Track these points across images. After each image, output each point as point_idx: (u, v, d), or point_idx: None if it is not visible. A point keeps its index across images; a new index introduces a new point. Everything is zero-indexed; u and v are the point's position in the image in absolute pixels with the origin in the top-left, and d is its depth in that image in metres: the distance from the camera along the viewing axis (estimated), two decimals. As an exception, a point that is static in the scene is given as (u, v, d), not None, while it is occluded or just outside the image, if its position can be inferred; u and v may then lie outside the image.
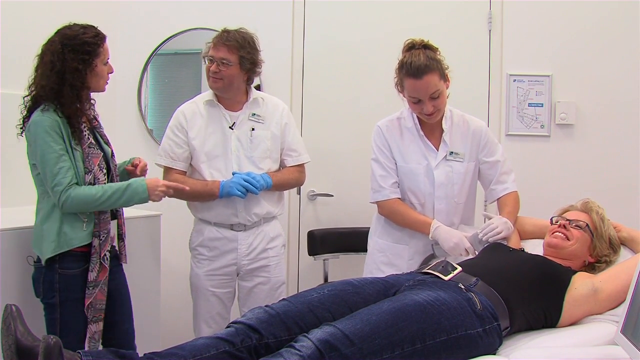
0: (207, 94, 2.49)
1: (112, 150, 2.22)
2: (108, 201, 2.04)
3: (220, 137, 2.44)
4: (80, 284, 2.06)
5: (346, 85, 3.24)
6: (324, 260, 3.09)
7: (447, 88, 2.27)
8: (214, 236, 2.46)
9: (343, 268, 3.10)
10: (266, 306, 1.68)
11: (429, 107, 2.21)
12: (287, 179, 2.54)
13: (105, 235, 2.10)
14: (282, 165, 2.56)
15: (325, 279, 3.08)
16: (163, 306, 2.83)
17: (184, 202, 2.52)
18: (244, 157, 2.44)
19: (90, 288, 2.06)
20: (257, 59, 2.44)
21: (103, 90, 2.16)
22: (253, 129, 2.46)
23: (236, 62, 2.36)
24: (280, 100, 2.61)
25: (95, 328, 2.10)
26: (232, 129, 2.44)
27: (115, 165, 2.25)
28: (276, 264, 2.54)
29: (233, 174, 2.39)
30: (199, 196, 2.43)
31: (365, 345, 1.48)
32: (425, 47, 2.24)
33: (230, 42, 2.35)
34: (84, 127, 2.08)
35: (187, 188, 2.27)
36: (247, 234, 2.46)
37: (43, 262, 2.04)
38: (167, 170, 2.47)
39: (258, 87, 3.17)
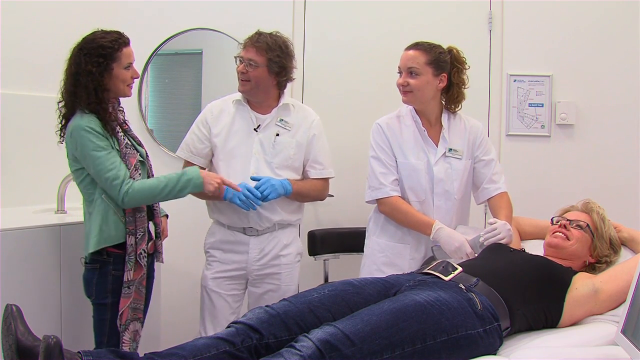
0: (238, 93, 2.46)
1: (145, 151, 2.27)
2: (165, 190, 2.10)
3: (244, 137, 2.40)
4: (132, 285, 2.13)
5: (346, 85, 3.24)
6: (324, 260, 3.08)
7: (438, 86, 2.33)
8: (226, 239, 2.43)
9: (343, 268, 3.09)
10: (266, 306, 1.68)
11: (402, 79, 2.29)
12: (309, 190, 2.47)
13: (142, 234, 2.12)
14: (304, 177, 2.50)
15: (326, 279, 3.08)
16: (163, 306, 2.83)
17: (185, 203, 2.50)
18: (264, 162, 2.39)
19: (127, 288, 2.10)
20: (288, 64, 2.38)
21: (128, 95, 2.20)
22: (278, 135, 2.41)
23: (263, 64, 2.32)
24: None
25: (133, 327, 2.13)
26: (257, 131, 2.40)
27: (151, 165, 2.29)
28: (288, 272, 2.47)
29: (252, 178, 2.32)
30: (208, 196, 2.39)
31: (366, 346, 1.48)
32: (450, 50, 2.37)
33: (259, 43, 2.32)
34: (118, 129, 2.13)
35: (239, 189, 2.24)
36: (260, 239, 2.41)
37: (87, 259, 2.10)
38: (186, 164, 2.45)
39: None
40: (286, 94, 2.47)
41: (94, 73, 2.05)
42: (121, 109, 2.24)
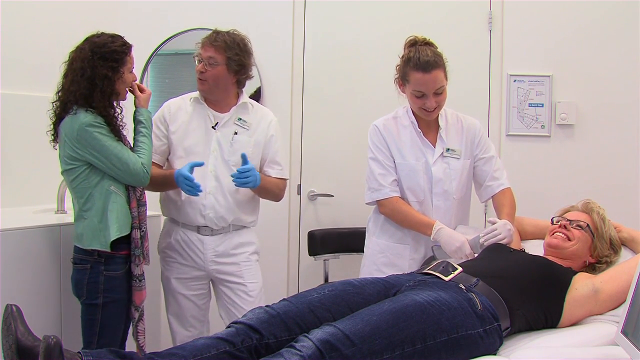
0: (196, 92, 2.46)
1: None
2: (149, 140, 2.24)
3: (202, 135, 2.41)
4: (124, 285, 2.16)
5: (346, 85, 3.24)
6: (324, 260, 3.09)
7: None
8: (181, 239, 2.43)
9: (343, 268, 3.10)
10: (266, 306, 1.68)
11: (432, 102, 2.24)
12: (272, 187, 2.46)
13: (145, 229, 2.20)
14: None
15: (326, 279, 3.08)
16: (163, 306, 2.83)
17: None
18: (221, 160, 2.39)
19: (139, 281, 2.17)
20: (246, 62, 2.39)
21: (124, 99, 2.22)
22: (236, 133, 2.41)
23: (223, 62, 2.33)
24: (280, 101, 2.58)
25: (141, 325, 2.23)
26: (215, 129, 2.41)
27: None
28: (248, 269, 2.45)
29: (242, 156, 2.30)
30: (162, 187, 2.42)
31: (366, 346, 1.48)
32: (427, 44, 2.28)
33: (217, 42, 2.33)
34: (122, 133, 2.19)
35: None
36: (214, 238, 2.41)
37: (76, 259, 2.14)
38: None
39: (258, 89, 3.17)
40: (244, 93, 2.48)
41: (110, 77, 2.09)
42: (119, 109, 2.24)
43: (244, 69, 2.39)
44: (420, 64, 2.20)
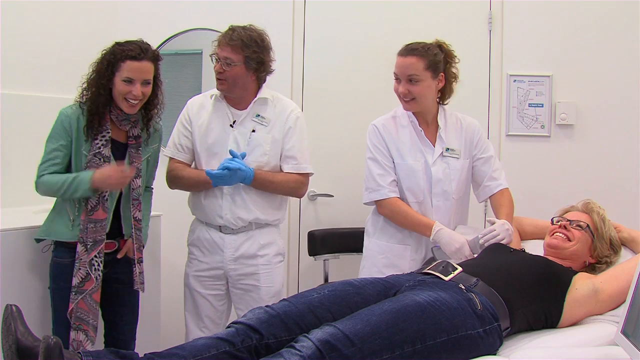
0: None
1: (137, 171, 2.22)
2: (61, 189, 2.07)
3: (221, 134, 2.38)
4: (69, 274, 2.13)
5: (346, 85, 3.24)
6: (324, 260, 3.08)
7: (437, 87, 2.31)
8: (203, 236, 2.42)
9: (343, 268, 3.10)
10: (266, 306, 1.68)
11: (403, 88, 2.26)
12: (278, 181, 2.37)
13: (92, 244, 2.10)
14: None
15: (326, 279, 3.08)
16: (163, 306, 2.83)
17: (184, 202, 2.51)
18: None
19: (73, 293, 2.10)
20: (265, 58, 2.33)
21: (125, 111, 2.15)
22: (253, 131, 2.37)
23: (241, 61, 2.28)
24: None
25: (75, 336, 2.08)
26: (232, 127, 2.38)
27: (135, 187, 2.22)
28: (266, 272, 2.40)
29: (230, 152, 2.26)
30: (196, 185, 2.40)
31: (366, 346, 1.48)
32: (441, 46, 2.32)
33: (234, 41, 2.27)
34: (103, 137, 2.12)
35: (127, 172, 2.12)
36: (235, 237, 2.38)
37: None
38: (171, 162, 2.46)
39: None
40: (264, 88, 2.43)
41: (94, 72, 2.11)
42: (131, 122, 2.20)
43: (263, 65, 2.34)
44: (403, 48, 2.25)
